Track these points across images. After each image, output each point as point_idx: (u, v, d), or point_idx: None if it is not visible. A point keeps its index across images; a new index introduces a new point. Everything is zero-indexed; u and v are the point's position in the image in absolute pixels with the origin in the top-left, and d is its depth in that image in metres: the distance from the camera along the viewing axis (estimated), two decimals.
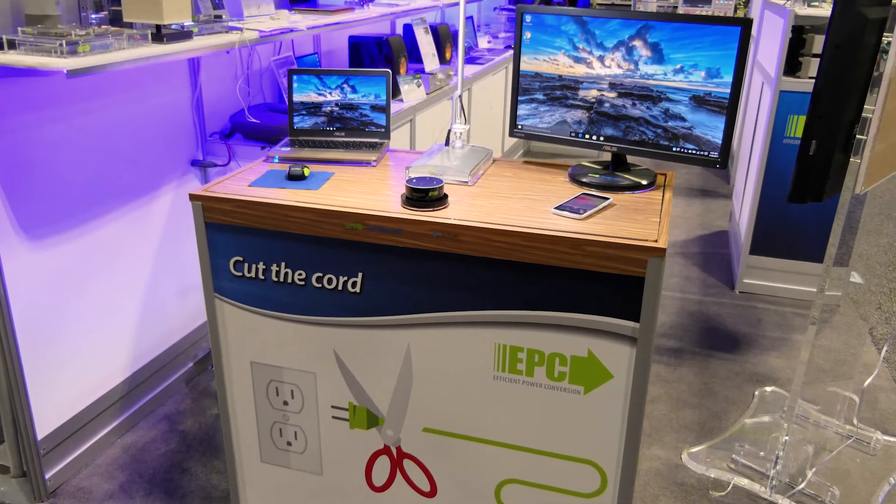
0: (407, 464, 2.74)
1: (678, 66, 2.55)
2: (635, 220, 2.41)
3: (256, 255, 2.62)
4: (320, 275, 2.57)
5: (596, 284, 2.29)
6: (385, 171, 2.90)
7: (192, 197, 2.63)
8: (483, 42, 7.80)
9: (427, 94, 4.93)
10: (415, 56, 5.37)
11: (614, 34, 2.62)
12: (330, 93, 3.12)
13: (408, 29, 5.51)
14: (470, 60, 6.59)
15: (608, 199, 2.56)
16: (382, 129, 3.14)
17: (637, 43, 2.59)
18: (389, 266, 2.48)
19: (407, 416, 2.68)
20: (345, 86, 3.11)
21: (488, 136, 6.77)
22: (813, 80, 4.59)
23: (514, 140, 7.77)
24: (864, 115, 2.93)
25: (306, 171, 2.78)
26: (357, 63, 4.89)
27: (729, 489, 3.40)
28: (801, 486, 3.39)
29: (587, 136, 2.80)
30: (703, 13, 8.12)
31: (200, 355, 4.15)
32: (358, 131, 3.14)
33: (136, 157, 3.49)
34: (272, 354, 2.76)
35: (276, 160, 2.99)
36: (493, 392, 2.53)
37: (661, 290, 2.27)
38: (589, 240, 2.25)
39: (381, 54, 4.81)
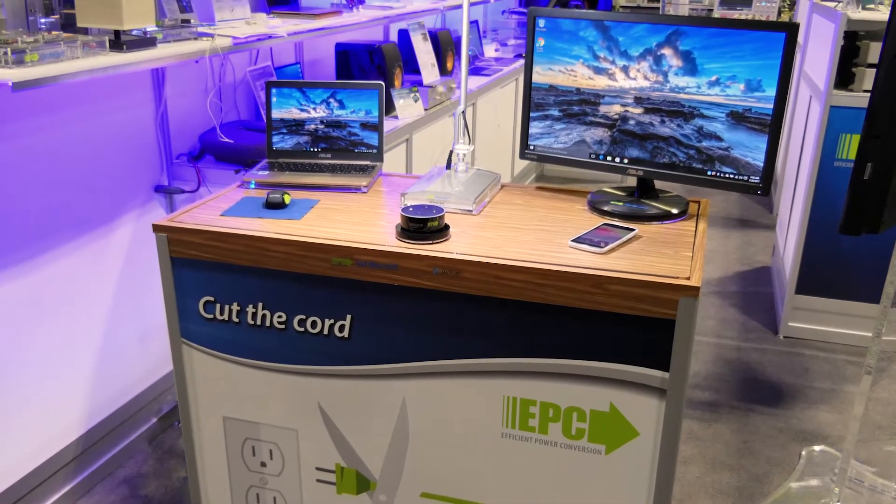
0: None
1: (714, 78, 2.56)
2: (664, 254, 2.41)
3: (230, 295, 2.62)
4: (303, 317, 2.57)
5: (619, 328, 2.29)
6: (377, 199, 2.91)
7: (157, 228, 2.63)
8: (490, 50, 7.84)
9: (425, 109, 4.95)
10: (411, 66, 5.39)
11: (640, 41, 2.64)
12: (314, 108, 3.13)
13: (403, 35, 5.53)
14: (475, 71, 6.61)
15: (633, 230, 2.57)
16: (374, 151, 3.15)
17: (666, 51, 2.61)
18: (382, 307, 2.48)
19: (403, 479, 2.67)
20: (331, 100, 3.13)
21: (495, 159, 6.78)
22: (868, 94, 4.61)
23: (526, 163, 7.79)
24: None
25: (287, 199, 2.79)
26: (345, 74, 4.91)
27: None
28: None
29: (609, 159, 2.81)
30: (743, 17, 8.16)
31: (165, 410, 4.14)
32: (346, 153, 3.15)
33: (92, 182, 3.50)
34: (248, 409, 2.76)
35: (253, 186, 2.99)
36: (501, 451, 2.53)
37: (695, 334, 2.27)
38: (611, 277, 2.25)
39: (372, 64, 4.84)
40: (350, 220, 2.68)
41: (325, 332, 2.56)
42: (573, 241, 2.47)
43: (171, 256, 2.64)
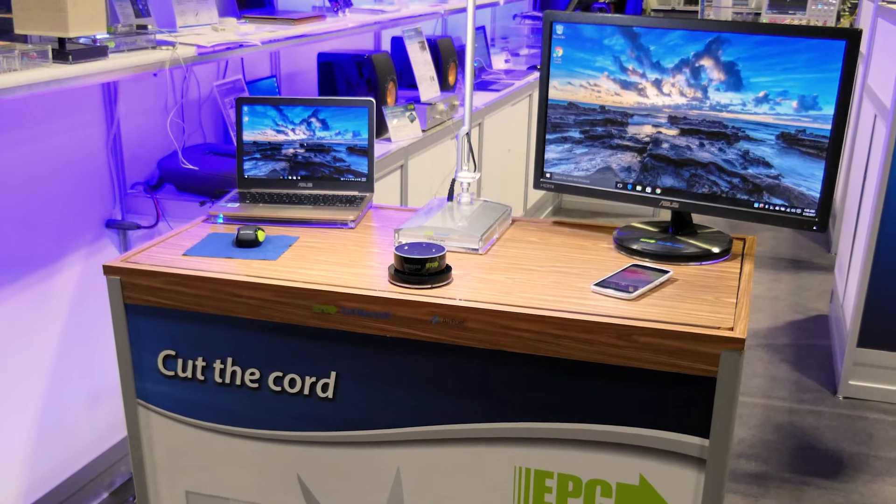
0: None
1: (761, 94, 2.58)
2: (704, 300, 2.42)
3: (194, 349, 2.62)
4: (279, 375, 2.57)
5: (651, 388, 2.29)
6: (367, 236, 2.91)
7: (108, 269, 2.64)
8: (499, 61, 7.86)
9: (423, 131, 4.96)
10: (407, 80, 5.41)
11: (675, 51, 2.65)
12: (293, 129, 3.14)
13: (397, 43, 5.56)
14: (481, 86, 6.63)
15: (667, 272, 2.57)
16: (363, 179, 3.16)
17: (706, 62, 2.62)
18: (373, 363, 2.49)
19: None
20: (313, 120, 3.14)
21: (505, 189, 6.80)
22: None
23: (541, 193, 7.80)
24: None
25: (261, 235, 2.80)
26: (329, 89, 4.93)
27: None
28: None
29: (639, 188, 2.81)
30: (796, 22, 8.18)
31: (119, 483, 4.13)
32: (330, 181, 3.16)
33: (32, 215, 3.50)
34: (215, 482, 2.75)
35: (220, 220, 3.00)
36: None
37: (739, 394, 2.27)
38: (641, 328, 2.25)
39: (361, 78, 4.86)
40: (335, 260, 2.69)
41: (306, 391, 2.56)
42: (596, 285, 2.48)
43: (124, 303, 2.64)
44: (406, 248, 2.54)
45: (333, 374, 2.52)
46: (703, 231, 2.85)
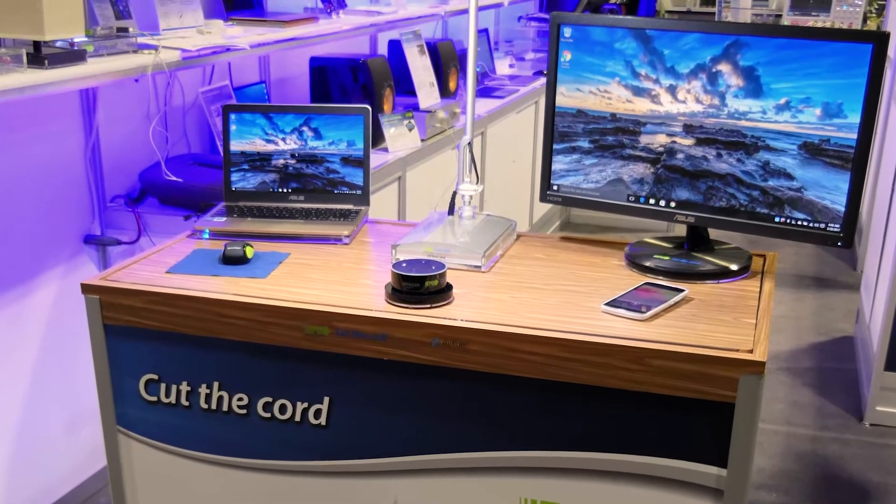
0: None
1: (783, 101, 2.57)
2: (721, 321, 2.41)
3: (178, 373, 2.62)
4: (269, 400, 2.57)
5: (664, 414, 2.28)
6: (362, 252, 2.91)
7: (86, 288, 2.63)
8: (503, 66, 7.86)
9: (422, 140, 4.96)
10: (405, 86, 5.40)
11: (691, 55, 2.65)
12: (283, 139, 3.14)
13: (395, 47, 5.55)
14: (484, 92, 6.63)
15: (682, 291, 2.57)
16: (358, 192, 3.16)
17: (724, 67, 2.62)
18: (368, 388, 2.48)
19: None
20: (305, 129, 3.14)
21: (510, 202, 6.79)
22: None
23: (548, 207, 7.80)
24: None
25: (249, 252, 2.80)
26: (322, 96, 4.93)
27: None
28: None
29: (652, 202, 2.81)
30: (819, 25, 8.16)
31: None
32: (323, 194, 3.16)
33: (4, 230, 3.50)
34: None
35: (206, 236, 3.00)
36: None
37: (759, 421, 2.27)
38: (655, 350, 2.25)
39: (356, 83, 4.86)
40: (328, 278, 2.69)
41: (297, 418, 2.56)
42: (607, 304, 2.48)
43: (104, 324, 2.64)
44: (404, 265, 2.54)
45: (327, 399, 2.52)
46: (721, 247, 2.85)
